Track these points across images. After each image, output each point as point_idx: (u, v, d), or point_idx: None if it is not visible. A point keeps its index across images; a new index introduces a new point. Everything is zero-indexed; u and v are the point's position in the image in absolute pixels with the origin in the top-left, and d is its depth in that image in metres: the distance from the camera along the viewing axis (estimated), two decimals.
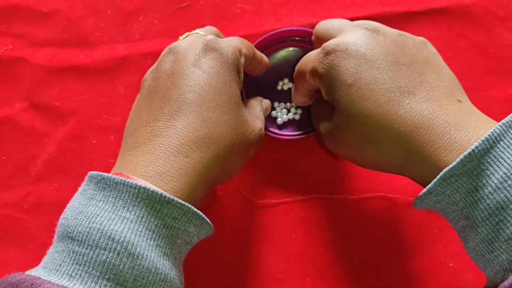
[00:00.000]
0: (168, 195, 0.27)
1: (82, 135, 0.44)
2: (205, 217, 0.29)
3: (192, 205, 0.28)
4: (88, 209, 0.26)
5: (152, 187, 0.27)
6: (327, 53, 0.32)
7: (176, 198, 0.27)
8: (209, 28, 0.37)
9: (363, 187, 0.43)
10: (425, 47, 0.33)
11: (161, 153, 0.29)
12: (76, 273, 0.25)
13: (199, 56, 0.32)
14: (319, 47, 0.33)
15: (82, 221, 0.26)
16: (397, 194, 0.43)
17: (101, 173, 0.27)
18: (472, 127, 0.28)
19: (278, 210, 0.43)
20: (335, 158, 0.43)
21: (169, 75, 0.32)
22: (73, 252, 0.25)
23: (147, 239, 0.26)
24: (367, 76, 0.30)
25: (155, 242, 0.26)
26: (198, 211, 0.28)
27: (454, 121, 0.28)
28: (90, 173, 0.28)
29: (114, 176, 0.27)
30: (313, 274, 0.41)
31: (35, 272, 0.26)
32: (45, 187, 0.43)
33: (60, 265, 0.25)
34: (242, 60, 0.34)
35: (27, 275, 0.25)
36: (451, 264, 0.41)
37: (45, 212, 0.43)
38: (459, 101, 0.30)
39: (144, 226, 0.26)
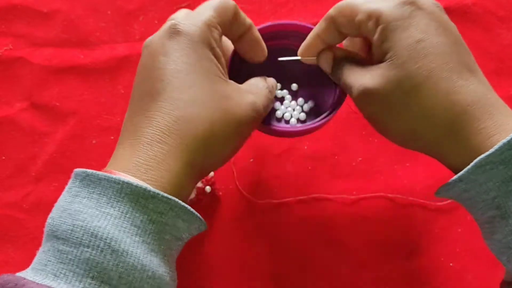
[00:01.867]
0: (152, 189, 0.26)
1: (82, 135, 0.44)
2: (193, 211, 0.28)
3: (181, 197, 0.27)
4: (72, 206, 0.26)
5: (136, 181, 0.26)
6: (405, 3, 0.31)
7: (161, 192, 0.26)
8: (181, 10, 0.34)
9: (363, 187, 0.43)
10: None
11: (138, 145, 0.28)
12: (61, 272, 0.24)
13: (165, 44, 0.31)
14: (366, 19, 0.31)
15: (66, 219, 0.25)
16: (397, 194, 0.43)
17: (86, 169, 0.27)
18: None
19: (278, 210, 0.43)
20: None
21: (144, 70, 0.32)
22: (57, 251, 0.25)
23: (132, 235, 0.25)
24: (435, 40, 0.30)
25: (141, 238, 0.26)
26: (186, 205, 0.27)
27: (502, 104, 0.29)
28: (76, 170, 0.27)
29: (98, 172, 0.26)
30: (313, 274, 0.41)
31: (25, 273, 0.25)
32: (45, 187, 0.43)
33: (46, 264, 0.25)
34: (216, 33, 0.32)
35: (13, 276, 0.24)
36: (451, 264, 0.41)
37: (45, 212, 0.42)
38: None
39: (129, 222, 0.26)
